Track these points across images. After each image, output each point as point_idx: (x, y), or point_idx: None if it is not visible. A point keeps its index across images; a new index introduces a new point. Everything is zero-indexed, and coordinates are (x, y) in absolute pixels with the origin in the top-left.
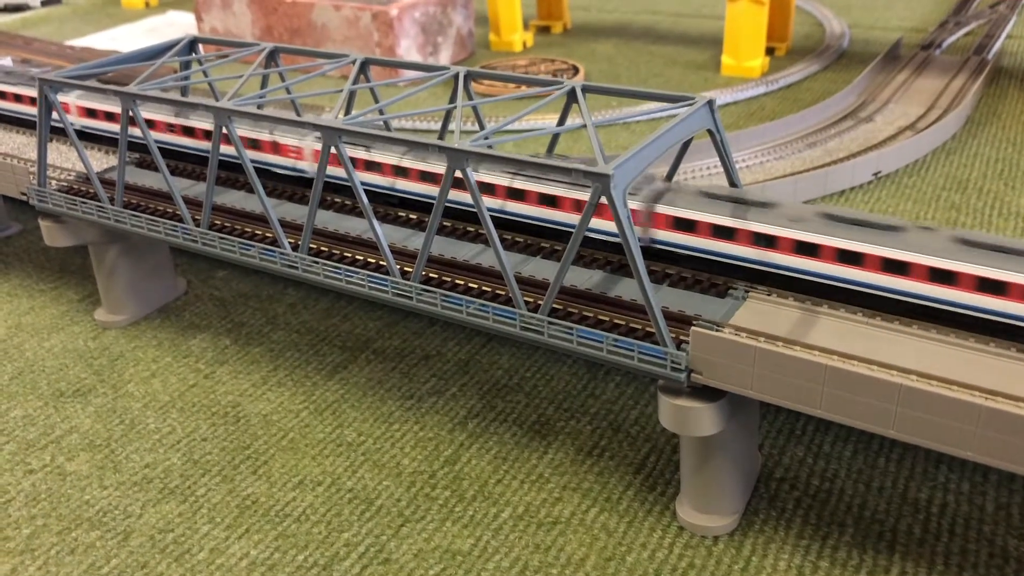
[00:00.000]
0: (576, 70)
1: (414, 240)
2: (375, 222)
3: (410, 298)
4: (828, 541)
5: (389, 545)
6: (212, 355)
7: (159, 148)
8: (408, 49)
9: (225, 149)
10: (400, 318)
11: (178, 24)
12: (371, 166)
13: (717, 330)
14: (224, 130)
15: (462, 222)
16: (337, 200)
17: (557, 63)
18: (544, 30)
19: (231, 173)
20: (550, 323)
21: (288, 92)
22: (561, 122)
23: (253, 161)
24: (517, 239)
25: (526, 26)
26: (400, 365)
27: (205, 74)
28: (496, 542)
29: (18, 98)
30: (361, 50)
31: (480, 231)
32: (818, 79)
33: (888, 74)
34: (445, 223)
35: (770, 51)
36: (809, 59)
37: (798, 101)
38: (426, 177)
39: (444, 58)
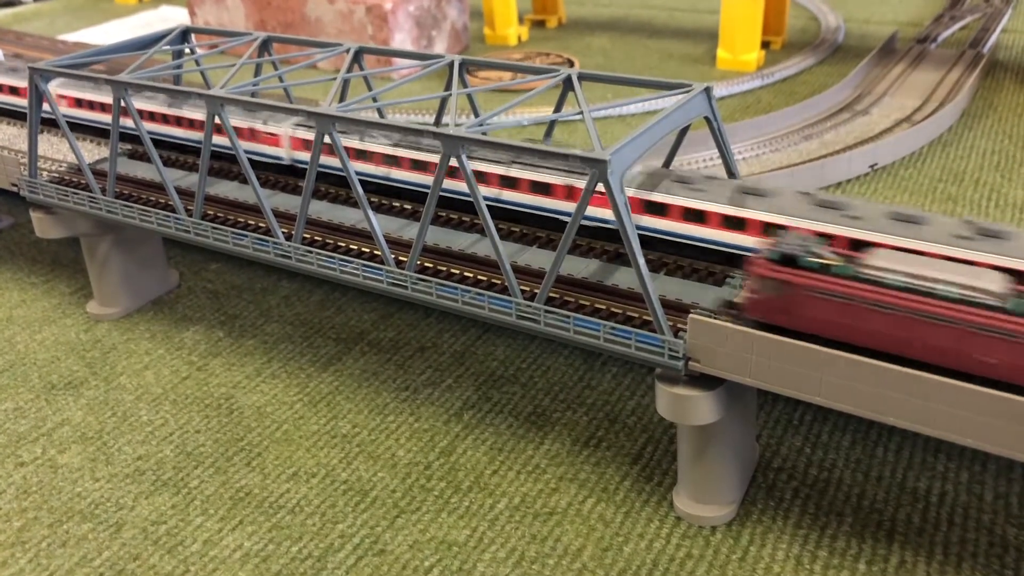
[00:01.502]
0: (571, 64)
1: (409, 230)
2: (370, 211)
3: (405, 287)
4: (827, 531)
5: (384, 536)
6: (205, 347)
7: (151, 139)
8: (402, 43)
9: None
10: (395, 310)
11: (171, 19)
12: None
13: (715, 318)
14: (217, 119)
15: (457, 211)
16: (331, 190)
17: (552, 57)
18: (539, 24)
19: (224, 163)
20: (547, 312)
21: (281, 81)
22: (557, 110)
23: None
24: (513, 228)
25: (521, 20)
26: (395, 357)
27: (197, 63)
28: (492, 533)
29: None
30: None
31: (476, 220)
32: (814, 72)
33: (884, 67)
34: (440, 212)
35: (765, 45)
36: (805, 53)
37: (794, 94)
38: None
39: (439, 52)
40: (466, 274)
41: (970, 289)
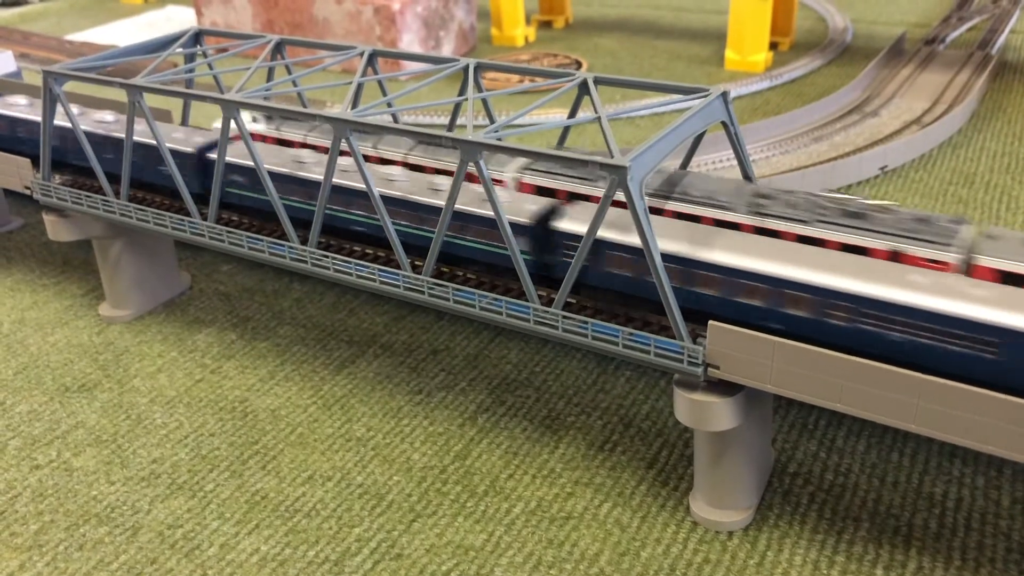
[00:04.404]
0: (579, 65)
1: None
2: (386, 216)
3: (422, 292)
4: (843, 536)
5: (401, 540)
6: (218, 350)
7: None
8: (410, 43)
9: None
10: (407, 312)
11: (176, 19)
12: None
13: None
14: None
15: None
16: None
17: (560, 58)
18: (546, 25)
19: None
20: (564, 317)
21: (295, 85)
22: (572, 114)
23: None
24: None
25: (528, 21)
26: (408, 360)
27: (210, 67)
28: (509, 537)
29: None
30: (363, 44)
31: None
32: (822, 74)
33: (892, 69)
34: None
35: (773, 46)
36: (813, 54)
37: (802, 96)
38: None
39: (446, 53)
40: (482, 279)
41: None
